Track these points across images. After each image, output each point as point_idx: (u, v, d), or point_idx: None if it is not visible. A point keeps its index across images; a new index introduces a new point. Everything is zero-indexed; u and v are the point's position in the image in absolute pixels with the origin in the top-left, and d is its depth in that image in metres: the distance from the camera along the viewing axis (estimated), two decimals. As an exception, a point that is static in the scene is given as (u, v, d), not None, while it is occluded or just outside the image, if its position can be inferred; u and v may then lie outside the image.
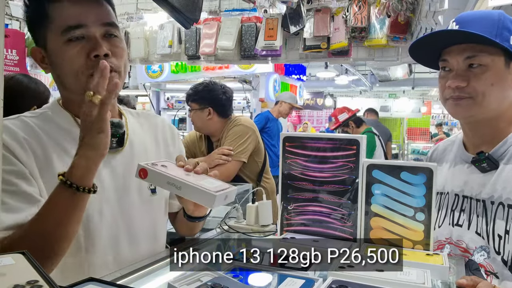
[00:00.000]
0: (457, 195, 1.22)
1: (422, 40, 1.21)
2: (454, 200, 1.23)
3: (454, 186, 1.24)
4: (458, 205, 1.21)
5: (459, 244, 1.19)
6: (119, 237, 1.08)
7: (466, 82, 1.11)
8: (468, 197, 1.19)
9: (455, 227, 1.21)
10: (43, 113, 1.06)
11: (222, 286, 0.77)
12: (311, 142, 1.17)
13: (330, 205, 1.16)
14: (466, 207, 1.19)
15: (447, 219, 1.23)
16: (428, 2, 1.93)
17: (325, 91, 12.58)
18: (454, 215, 1.22)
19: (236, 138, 2.45)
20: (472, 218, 1.17)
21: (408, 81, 10.51)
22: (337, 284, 0.84)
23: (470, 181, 1.19)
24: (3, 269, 0.62)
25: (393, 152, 9.24)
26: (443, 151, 1.36)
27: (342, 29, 2.41)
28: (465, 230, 1.18)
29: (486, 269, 1.11)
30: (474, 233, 1.16)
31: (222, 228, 1.36)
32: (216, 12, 2.89)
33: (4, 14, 0.72)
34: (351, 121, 4.90)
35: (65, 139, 1.03)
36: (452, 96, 1.14)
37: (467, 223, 1.18)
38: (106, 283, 0.70)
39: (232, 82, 6.58)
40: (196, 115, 2.51)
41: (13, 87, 1.96)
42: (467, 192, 1.19)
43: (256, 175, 2.57)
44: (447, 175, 1.28)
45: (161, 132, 1.25)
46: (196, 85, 2.57)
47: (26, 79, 2.06)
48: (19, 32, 3.47)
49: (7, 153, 0.94)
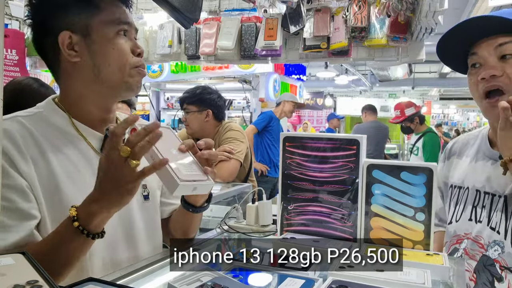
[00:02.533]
0: (479, 191, 1.19)
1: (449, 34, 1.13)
2: (475, 196, 1.20)
3: (475, 181, 1.20)
4: (480, 201, 1.18)
5: (478, 240, 1.17)
6: (117, 239, 1.07)
7: (502, 72, 1.05)
8: (490, 194, 1.16)
9: (477, 223, 1.18)
10: (37, 113, 1.03)
11: (222, 286, 0.77)
12: (311, 142, 1.16)
13: (330, 205, 1.16)
14: (487, 204, 1.16)
15: (467, 214, 1.20)
16: (428, 2, 1.93)
17: (325, 91, 12.58)
18: (476, 211, 1.19)
19: (233, 140, 2.55)
20: (492, 215, 1.14)
21: (408, 81, 10.51)
22: (337, 284, 0.84)
23: (494, 178, 1.16)
24: (3, 269, 0.62)
25: (393, 152, 9.24)
26: (464, 144, 1.32)
27: (342, 29, 2.41)
28: (484, 226, 1.16)
29: (500, 264, 1.10)
30: (490, 228, 1.14)
31: (222, 228, 1.35)
32: (216, 12, 2.90)
33: (4, 14, 0.72)
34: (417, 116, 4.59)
35: (59, 139, 1.01)
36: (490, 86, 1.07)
37: (487, 220, 1.15)
38: (106, 283, 0.70)
39: (232, 82, 6.59)
40: (193, 117, 2.55)
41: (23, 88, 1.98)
42: (488, 189, 1.17)
43: (242, 178, 2.67)
44: (468, 170, 1.25)
45: None
46: (193, 89, 2.64)
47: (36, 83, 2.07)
48: (19, 32, 3.47)
49: (6, 162, 0.91)
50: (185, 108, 2.59)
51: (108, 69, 1.00)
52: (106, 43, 1.00)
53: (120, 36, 1.01)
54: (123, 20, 1.02)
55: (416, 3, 2.15)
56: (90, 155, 1.03)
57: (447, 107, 19.81)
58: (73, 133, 1.03)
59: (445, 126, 17.78)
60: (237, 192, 2.35)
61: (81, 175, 1.00)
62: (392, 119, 4.80)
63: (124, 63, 1.01)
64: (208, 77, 6.28)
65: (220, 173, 2.45)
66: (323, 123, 12.88)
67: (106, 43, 1.00)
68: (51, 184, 0.96)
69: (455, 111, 20.37)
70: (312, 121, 13.26)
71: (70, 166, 1.00)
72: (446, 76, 11.14)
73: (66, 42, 0.99)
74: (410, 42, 2.35)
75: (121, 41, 1.01)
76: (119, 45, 1.00)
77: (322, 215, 1.16)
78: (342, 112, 12.79)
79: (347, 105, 13.44)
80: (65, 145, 1.01)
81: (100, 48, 1.00)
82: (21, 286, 0.59)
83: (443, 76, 11.13)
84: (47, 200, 0.95)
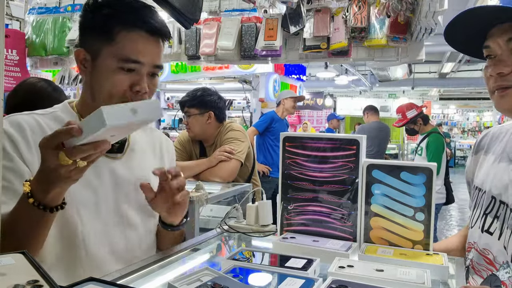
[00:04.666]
0: (494, 198, 1.05)
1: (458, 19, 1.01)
2: (489, 202, 1.06)
3: (493, 186, 1.07)
4: (494, 210, 1.05)
5: (485, 254, 1.04)
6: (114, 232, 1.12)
7: (510, 68, 0.95)
8: (505, 204, 1.01)
9: (484, 233, 1.05)
10: (53, 113, 1.13)
11: (222, 286, 0.77)
12: (311, 142, 1.17)
13: (330, 205, 1.16)
14: (501, 215, 1.02)
15: (479, 222, 1.09)
16: (428, 2, 1.93)
17: (325, 91, 12.59)
18: (486, 219, 1.06)
19: (234, 140, 2.54)
20: (504, 229, 1.00)
21: (408, 81, 10.52)
22: (337, 284, 0.84)
23: (511, 187, 1.01)
24: (3, 269, 0.63)
25: (393, 152, 9.24)
26: (494, 138, 1.17)
27: (342, 29, 2.41)
28: (495, 239, 1.02)
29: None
30: (503, 245, 0.99)
31: (222, 228, 1.36)
32: (216, 12, 2.89)
33: (4, 14, 0.72)
34: (420, 117, 4.56)
35: None
36: (496, 86, 0.98)
37: (499, 233, 1.01)
38: (106, 283, 0.70)
39: (232, 82, 6.59)
40: (195, 120, 2.55)
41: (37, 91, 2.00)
42: (505, 198, 1.02)
43: (246, 178, 2.66)
44: (490, 171, 1.11)
45: (158, 146, 1.31)
46: (192, 91, 2.62)
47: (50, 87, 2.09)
48: (19, 32, 3.46)
49: (11, 148, 1.01)
50: (186, 111, 2.58)
51: (99, 95, 1.08)
52: (104, 73, 1.07)
53: (120, 72, 1.05)
54: (132, 58, 1.05)
55: (416, 3, 2.15)
56: None
57: (447, 107, 19.82)
58: None
59: (445, 126, 17.78)
60: (237, 192, 2.35)
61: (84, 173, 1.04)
62: (395, 123, 4.80)
63: (113, 95, 1.06)
64: (208, 77, 6.29)
65: (220, 173, 2.45)
66: (323, 123, 12.88)
67: (104, 73, 1.07)
68: None
69: (454, 111, 20.38)
70: (312, 121, 13.26)
71: None
72: (446, 76, 11.15)
73: (81, 57, 1.10)
74: (410, 42, 2.35)
75: (119, 76, 1.05)
76: (113, 79, 1.05)
77: (322, 215, 1.17)
78: (342, 112, 12.80)
79: (347, 105, 13.45)
80: None
81: (98, 75, 1.08)
82: (21, 286, 0.59)
83: (443, 76, 11.13)
84: None
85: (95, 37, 1.07)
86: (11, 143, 1.01)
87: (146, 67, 1.07)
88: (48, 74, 4.02)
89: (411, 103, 4.85)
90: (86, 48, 1.09)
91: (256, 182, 2.72)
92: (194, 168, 2.49)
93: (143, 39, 1.07)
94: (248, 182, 2.64)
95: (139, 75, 1.07)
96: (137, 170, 1.18)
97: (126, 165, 1.17)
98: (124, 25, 1.05)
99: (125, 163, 1.17)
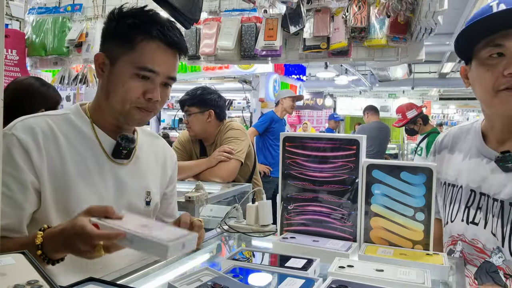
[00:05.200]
0: (474, 191, 1.14)
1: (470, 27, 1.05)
2: (469, 196, 1.15)
3: (470, 181, 1.15)
4: (475, 202, 1.13)
5: (474, 244, 1.12)
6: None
7: None
8: (486, 195, 1.11)
9: (470, 224, 1.13)
10: (64, 115, 1.16)
11: (222, 286, 0.77)
12: (311, 142, 1.17)
13: (330, 205, 1.16)
14: (483, 205, 1.11)
15: (460, 215, 1.16)
16: (428, 2, 1.93)
17: (325, 91, 12.57)
18: (469, 212, 1.14)
19: (234, 140, 2.53)
20: (488, 218, 1.09)
21: (407, 81, 10.51)
22: (337, 284, 0.84)
23: (490, 179, 1.10)
24: (3, 269, 0.63)
25: (393, 152, 9.24)
26: (456, 138, 1.26)
27: (342, 29, 2.41)
28: (481, 229, 1.10)
29: (505, 272, 1.06)
30: (490, 233, 1.08)
31: (222, 228, 1.36)
32: (216, 12, 2.89)
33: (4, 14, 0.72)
34: (419, 118, 4.58)
35: (77, 140, 1.13)
36: (509, 85, 1.00)
37: (484, 222, 1.10)
38: (106, 283, 0.70)
39: (232, 82, 6.58)
40: (195, 119, 2.54)
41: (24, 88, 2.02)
42: (484, 190, 1.11)
43: (247, 177, 2.65)
44: (462, 167, 1.19)
45: (162, 154, 1.34)
46: (192, 90, 2.62)
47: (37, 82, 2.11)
48: (19, 32, 3.46)
49: (22, 154, 1.04)
50: (187, 110, 2.58)
51: (114, 98, 1.13)
52: (120, 78, 1.11)
53: (136, 78, 1.10)
54: (148, 67, 1.09)
55: (415, 3, 2.15)
56: (102, 159, 1.15)
57: (447, 107, 19.80)
58: (91, 137, 1.15)
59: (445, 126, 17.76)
60: (237, 192, 2.35)
61: (90, 176, 1.12)
62: (394, 123, 4.80)
63: (126, 100, 1.11)
64: (208, 77, 6.28)
65: (220, 173, 2.44)
66: (323, 123, 12.89)
67: (120, 78, 1.11)
68: (63, 180, 1.07)
69: (454, 111, 20.36)
70: (312, 121, 13.26)
71: (83, 166, 1.11)
72: (445, 76, 11.14)
73: (100, 61, 1.15)
74: (410, 42, 2.35)
75: (134, 83, 1.10)
76: (128, 84, 1.10)
77: (322, 215, 1.17)
78: (342, 112, 12.79)
79: (347, 105, 13.43)
80: (82, 146, 1.13)
81: (115, 79, 1.12)
82: (22, 286, 0.59)
83: (443, 76, 11.13)
84: (54, 191, 1.07)
85: (116, 44, 1.12)
86: (24, 153, 1.04)
87: (161, 77, 1.12)
88: (48, 74, 4.02)
89: (411, 103, 4.85)
90: (106, 53, 1.14)
91: (258, 182, 2.72)
92: (194, 168, 2.49)
93: (161, 50, 1.12)
94: (249, 181, 2.63)
95: (153, 84, 1.11)
96: (139, 178, 1.22)
97: (130, 172, 1.20)
98: (145, 36, 1.10)
99: (130, 170, 1.20)
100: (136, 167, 1.23)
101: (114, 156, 1.16)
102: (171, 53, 1.14)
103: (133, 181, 1.20)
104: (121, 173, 1.18)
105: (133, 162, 1.22)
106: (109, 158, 1.16)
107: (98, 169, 1.13)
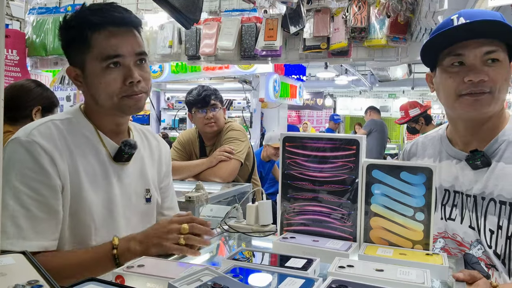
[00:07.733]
0: (448, 190, 1.24)
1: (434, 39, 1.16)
2: (444, 195, 1.25)
3: (442, 181, 1.25)
4: (450, 200, 1.24)
5: (455, 238, 1.22)
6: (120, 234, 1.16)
7: (487, 76, 1.10)
8: (460, 192, 1.21)
9: (448, 221, 1.24)
10: (67, 119, 1.17)
11: (222, 286, 0.77)
12: (311, 142, 1.17)
13: (330, 205, 1.16)
14: (458, 202, 1.22)
15: (438, 214, 1.25)
16: (428, 2, 1.93)
17: (325, 91, 12.57)
18: (445, 209, 1.24)
19: (234, 140, 2.54)
20: (464, 213, 1.20)
21: (407, 81, 10.50)
22: (337, 284, 0.84)
23: (461, 177, 1.21)
24: (3, 269, 0.63)
25: (393, 152, 9.24)
26: (423, 146, 1.38)
27: (342, 30, 2.41)
28: (458, 224, 1.21)
29: (486, 263, 1.14)
30: (467, 227, 1.19)
31: (222, 228, 1.36)
32: (216, 12, 2.89)
33: (5, 14, 0.72)
34: (422, 117, 4.56)
35: (85, 145, 1.16)
36: (472, 91, 1.12)
37: (460, 218, 1.21)
38: (106, 283, 0.70)
39: (232, 82, 6.58)
40: (219, 114, 2.60)
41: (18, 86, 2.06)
42: (458, 188, 1.22)
43: (246, 177, 2.66)
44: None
45: (157, 151, 1.37)
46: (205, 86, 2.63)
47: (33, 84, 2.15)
48: (19, 32, 3.46)
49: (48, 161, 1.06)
50: (213, 104, 2.54)
51: (101, 97, 1.14)
52: (95, 78, 1.13)
53: (108, 71, 1.11)
54: (112, 54, 1.10)
55: (415, 3, 2.15)
56: (106, 163, 1.18)
57: (447, 107, 19.77)
58: (96, 142, 1.17)
59: (445, 126, 17.71)
60: (237, 192, 2.35)
61: (97, 180, 1.14)
62: (396, 120, 4.81)
63: (110, 94, 1.12)
64: (208, 77, 6.28)
65: (220, 173, 2.45)
66: (323, 123, 12.89)
67: (95, 78, 1.13)
68: (76, 184, 1.11)
69: (455, 111, 20.33)
70: (312, 121, 13.27)
71: (90, 171, 1.14)
72: (446, 77, 11.13)
73: (73, 74, 1.17)
74: (410, 43, 2.35)
75: (109, 75, 1.11)
76: (104, 79, 1.11)
77: (322, 215, 1.17)
78: (342, 112, 12.79)
79: (347, 105, 13.42)
80: (89, 151, 1.15)
81: (92, 81, 1.14)
82: (22, 285, 0.59)
83: (443, 76, 11.11)
84: (70, 195, 1.10)
85: (77, 51, 1.14)
86: (49, 158, 1.07)
87: (128, 57, 1.12)
88: (48, 74, 4.02)
89: (415, 101, 4.83)
90: (74, 65, 1.16)
91: (256, 182, 2.73)
92: (194, 168, 2.49)
93: (114, 33, 1.12)
94: (249, 181, 2.63)
95: (125, 67, 1.12)
96: (139, 177, 1.26)
97: (131, 173, 1.24)
98: (92, 29, 1.10)
99: (130, 170, 1.24)
100: (135, 168, 1.26)
101: (116, 160, 1.20)
102: (125, 31, 1.14)
103: (134, 180, 1.24)
104: (123, 174, 1.22)
105: (132, 162, 1.25)
106: (112, 161, 1.20)
107: (104, 172, 1.17)
